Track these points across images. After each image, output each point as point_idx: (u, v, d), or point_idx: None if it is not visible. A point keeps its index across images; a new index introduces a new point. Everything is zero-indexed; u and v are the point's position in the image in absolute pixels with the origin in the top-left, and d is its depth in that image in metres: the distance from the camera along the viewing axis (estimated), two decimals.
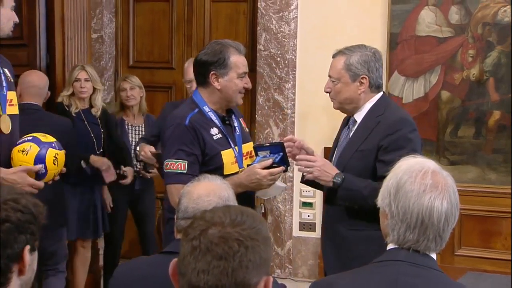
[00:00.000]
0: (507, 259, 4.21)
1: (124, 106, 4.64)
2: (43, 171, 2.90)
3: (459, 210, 1.71)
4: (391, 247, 1.74)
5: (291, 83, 4.89)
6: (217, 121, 2.90)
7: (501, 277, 3.62)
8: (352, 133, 2.90)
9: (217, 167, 2.79)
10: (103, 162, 4.16)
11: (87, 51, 4.59)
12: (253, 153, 2.93)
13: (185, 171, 2.75)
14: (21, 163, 2.85)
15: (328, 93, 2.93)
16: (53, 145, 2.97)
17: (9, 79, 2.92)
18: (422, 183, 1.68)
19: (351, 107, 2.90)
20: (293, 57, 4.87)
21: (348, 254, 2.81)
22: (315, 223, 4.87)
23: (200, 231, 1.31)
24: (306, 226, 4.94)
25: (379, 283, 1.69)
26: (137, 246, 4.82)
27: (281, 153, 2.82)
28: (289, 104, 4.89)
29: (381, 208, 1.76)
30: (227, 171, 2.83)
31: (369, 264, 1.77)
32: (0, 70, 2.86)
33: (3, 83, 2.86)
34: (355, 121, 2.91)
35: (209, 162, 2.83)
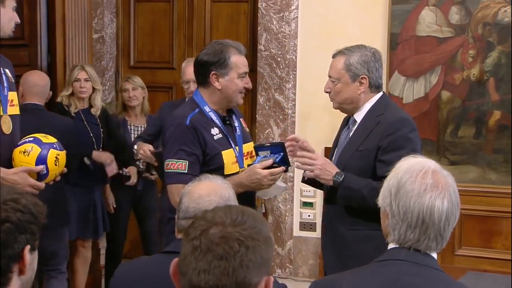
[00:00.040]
0: (507, 259, 4.21)
1: (126, 106, 4.64)
2: (45, 172, 2.90)
3: (459, 209, 1.72)
4: (392, 246, 1.74)
5: (292, 83, 4.89)
6: (217, 121, 2.90)
7: (501, 277, 3.62)
8: (352, 133, 2.90)
9: (217, 167, 2.79)
10: (107, 156, 4.21)
11: (88, 51, 4.59)
12: (254, 153, 2.93)
13: (186, 171, 2.75)
14: (23, 164, 2.86)
15: (328, 93, 2.94)
16: (54, 146, 2.97)
17: (10, 79, 2.92)
18: (422, 182, 1.68)
19: (351, 107, 2.90)
20: (294, 57, 4.87)
21: (347, 253, 2.81)
22: (315, 223, 4.87)
23: (201, 231, 1.32)
24: (306, 226, 4.94)
25: (380, 282, 1.69)
26: (139, 246, 4.83)
27: (282, 153, 2.83)
28: (290, 104, 4.89)
29: (382, 207, 1.76)
30: (227, 171, 2.83)
31: (370, 263, 1.77)
32: (1, 70, 2.86)
33: (4, 83, 2.86)
34: (355, 121, 2.91)
35: (210, 162, 2.83)
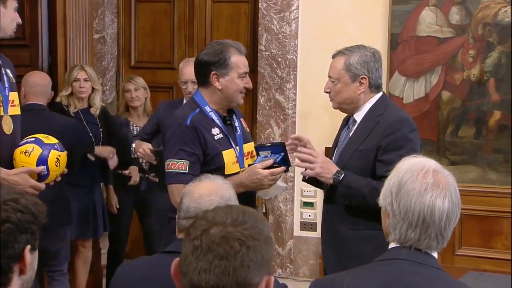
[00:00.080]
0: (507, 259, 4.21)
1: (128, 107, 4.65)
2: (45, 173, 2.90)
3: (460, 208, 1.72)
4: (392, 245, 1.74)
5: (292, 83, 4.89)
6: (218, 121, 2.90)
7: (502, 277, 3.62)
8: (352, 133, 2.91)
9: (218, 167, 2.79)
10: (109, 150, 4.24)
11: (89, 51, 4.59)
12: (254, 153, 2.94)
13: (186, 171, 2.75)
14: (24, 165, 2.86)
15: (328, 93, 2.94)
16: (55, 146, 2.97)
17: (11, 79, 2.92)
18: (423, 182, 1.68)
19: (351, 107, 2.91)
20: (294, 58, 4.88)
21: (347, 253, 2.81)
22: (316, 222, 4.87)
23: (201, 231, 1.32)
24: (307, 225, 4.94)
25: (380, 281, 1.69)
26: (141, 245, 4.83)
27: (282, 153, 2.83)
28: (290, 104, 4.89)
29: (383, 207, 1.76)
30: (228, 171, 2.83)
31: (370, 262, 1.77)
32: (2, 70, 2.87)
33: (5, 83, 2.86)
34: (355, 121, 2.91)
35: (210, 162, 2.83)
